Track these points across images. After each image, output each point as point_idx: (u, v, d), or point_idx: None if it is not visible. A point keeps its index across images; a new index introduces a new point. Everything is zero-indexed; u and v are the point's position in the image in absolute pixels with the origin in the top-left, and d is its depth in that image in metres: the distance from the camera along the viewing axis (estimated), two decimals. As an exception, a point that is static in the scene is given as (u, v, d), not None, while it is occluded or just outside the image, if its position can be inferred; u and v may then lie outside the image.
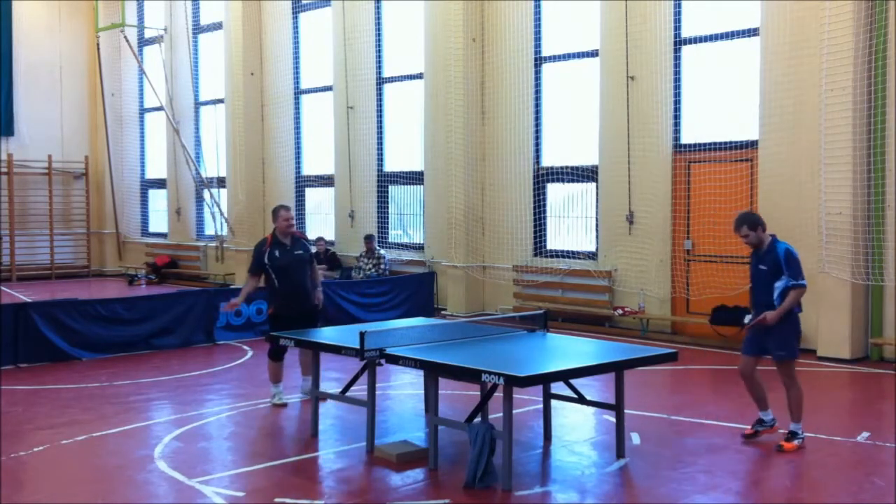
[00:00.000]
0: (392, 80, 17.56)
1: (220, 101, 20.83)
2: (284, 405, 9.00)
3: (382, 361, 7.19)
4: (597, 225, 14.49)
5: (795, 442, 7.28)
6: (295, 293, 8.91)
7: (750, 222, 7.47)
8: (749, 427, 7.64)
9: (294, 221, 9.14)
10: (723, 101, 13.12)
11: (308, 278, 9.08)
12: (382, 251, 16.67)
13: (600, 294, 14.19)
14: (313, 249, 9.78)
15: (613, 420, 7.41)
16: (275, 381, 9.14)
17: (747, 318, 11.82)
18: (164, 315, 12.52)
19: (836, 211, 11.36)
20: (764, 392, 7.54)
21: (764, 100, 12.22)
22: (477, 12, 15.64)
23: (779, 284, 7.35)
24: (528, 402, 8.69)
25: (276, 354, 8.99)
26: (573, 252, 14.87)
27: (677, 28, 13.26)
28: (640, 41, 13.47)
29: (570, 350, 7.76)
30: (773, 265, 7.37)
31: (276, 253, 8.84)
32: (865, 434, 7.86)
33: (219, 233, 20.78)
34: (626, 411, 7.36)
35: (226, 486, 6.57)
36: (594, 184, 14.46)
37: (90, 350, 11.76)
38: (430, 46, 16.35)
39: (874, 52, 11.13)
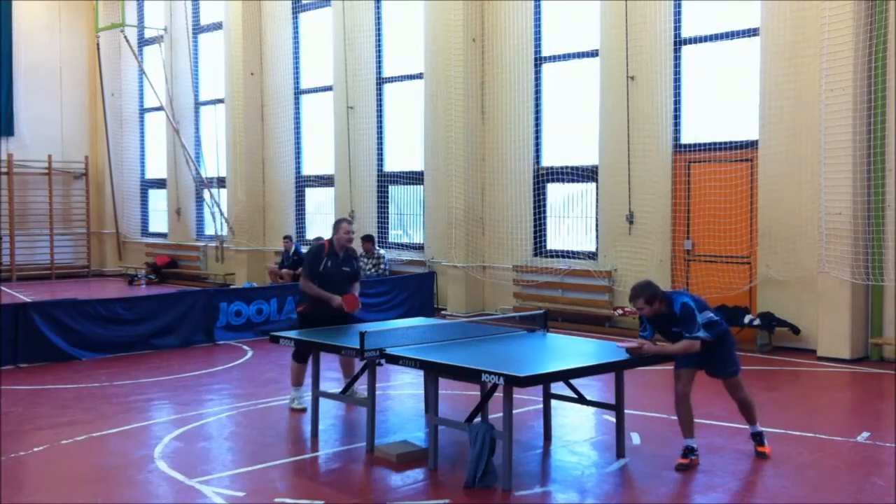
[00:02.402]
0: (392, 80, 17.56)
1: (220, 101, 20.83)
2: (304, 410, 8.70)
3: (382, 361, 7.19)
4: (597, 225, 14.48)
5: (766, 443, 7.19)
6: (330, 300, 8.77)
7: (648, 295, 6.79)
8: (682, 457, 6.96)
9: (353, 236, 9.14)
10: (723, 101, 13.12)
11: (349, 290, 8.94)
12: (382, 251, 16.67)
13: (600, 294, 14.19)
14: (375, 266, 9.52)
15: (613, 420, 7.41)
16: (296, 384, 8.94)
17: (747, 318, 11.92)
18: (164, 315, 12.51)
19: (836, 211, 11.35)
20: (693, 417, 7.11)
21: (764, 100, 12.21)
22: (477, 12, 15.64)
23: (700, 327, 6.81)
24: (528, 402, 8.69)
25: (301, 356, 8.76)
26: (573, 252, 14.87)
27: (677, 28, 13.26)
28: (640, 41, 13.46)
29: (570, 350, 7.76)
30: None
31: (329, 263, 8.84)
32: (865, 434, 7.86)
33: (219, 233, 20.78)
34: (626, 411, 7.36)
35: (226, 486, 6.57)
36: (594, 184, 14.46)
37: (90, 350, 11.75)
38: (430, 46, 16.34)
39: (874, 52, 11.13)
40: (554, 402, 7.90)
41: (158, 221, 23.65)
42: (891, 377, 10.34)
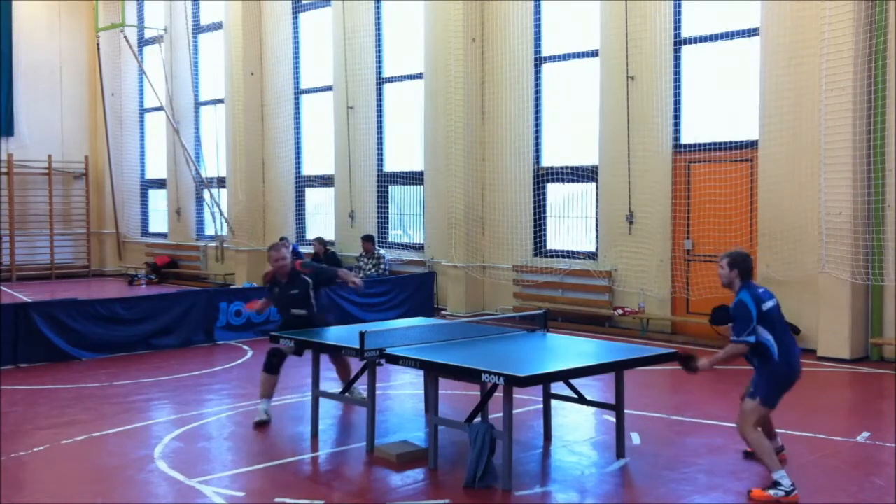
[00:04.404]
0: (392, 80, 17.56)
1: (220, 101, 20.82)
2: (267, 423, 8.32)
3: (382, 361, 7.20)
4: (597, 225, 14.48)
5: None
6: (292, 323, 8.61)
7: (734, 259, 6.66)
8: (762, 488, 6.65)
9: (286, 261, 8.66)
10: (723, 101, 13.12)
11: (310, 306, 8.66)
12: (382, 251, 16.67)
13: (600, 294, 14.19)
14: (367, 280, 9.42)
15: (613, 420, 7.41)
16: (263, 395, 8.45)
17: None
18: (164, 315, 12.51)
19: (836, 211, 11.36)
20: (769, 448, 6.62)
21: (764, 100, 12.21)
22: (477, 12, 15.64)
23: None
24: (528, 402, 8.69)
25: (272, 366, 8.46)
26: (573, 252, 14.87)
27: (677, 28, 13.26)
28: (640, 41, 13.46)
29: (570, 350, 7.76)
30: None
31: (275, 290, 8.78)
32: (865, 434, 7.87)
33: (219, 233, 20.78)
34: (626, 411, 7.36)
35: (226, 486, 6.57)
36: (594, 184, 14.46)
37: (90, 350, 11.75)
38: (430, 46, 16.34)
39: (874, 52, 11.13)
40: (554, 402, 7.90)
41: (158, 221, 23.65)
42: (891, 377, 10.35)
